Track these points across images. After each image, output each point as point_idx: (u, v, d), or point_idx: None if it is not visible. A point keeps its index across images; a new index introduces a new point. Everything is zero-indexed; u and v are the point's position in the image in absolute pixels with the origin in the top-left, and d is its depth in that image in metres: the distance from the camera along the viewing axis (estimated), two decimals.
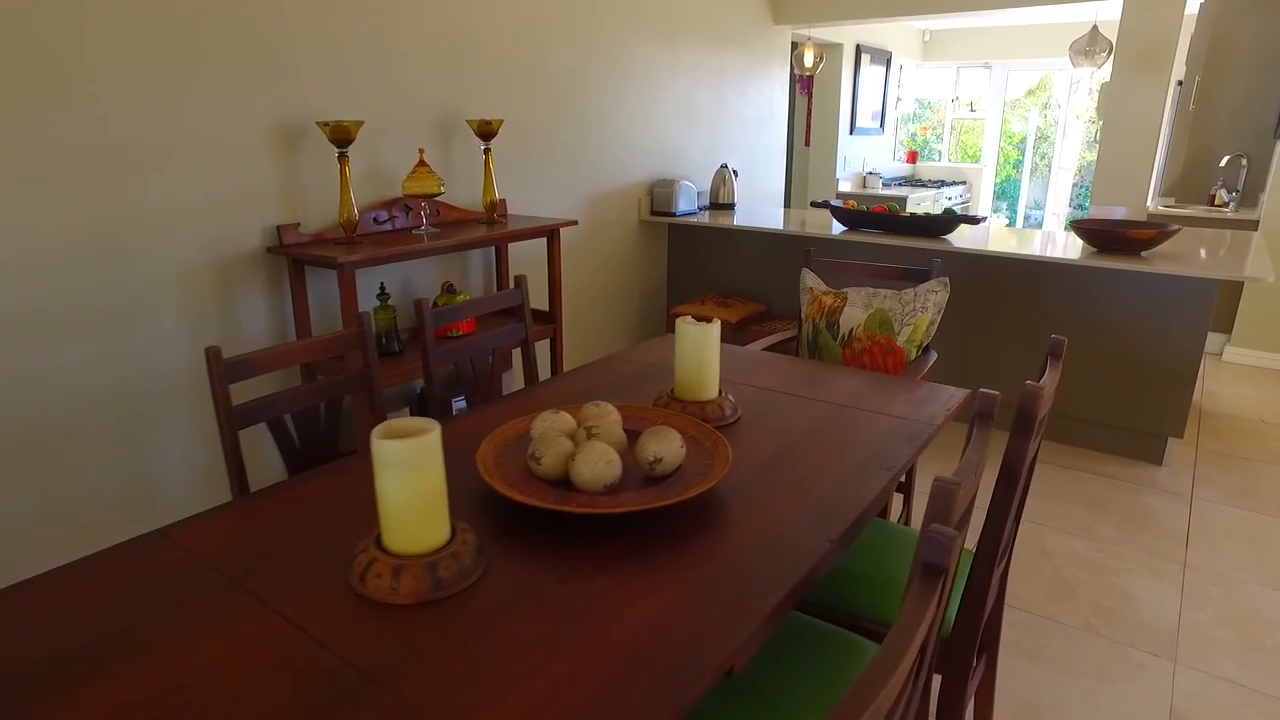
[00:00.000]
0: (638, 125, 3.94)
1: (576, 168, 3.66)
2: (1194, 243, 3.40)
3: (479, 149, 3.19)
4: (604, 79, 3.68)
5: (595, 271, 3.89)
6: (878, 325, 2.25)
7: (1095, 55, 3.08)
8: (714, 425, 1.61)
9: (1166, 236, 2.94)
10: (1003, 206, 10.03)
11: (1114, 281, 3.07)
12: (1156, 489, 2.95)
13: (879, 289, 2.34)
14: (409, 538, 1.11)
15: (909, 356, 2.23)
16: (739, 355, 2.11)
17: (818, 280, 2.46)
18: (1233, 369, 4.39)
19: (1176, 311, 2.97)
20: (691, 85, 4.25)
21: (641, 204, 4.06)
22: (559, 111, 3.49)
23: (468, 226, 3.02)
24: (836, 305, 2.34)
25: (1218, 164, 4.87)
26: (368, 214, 2.83)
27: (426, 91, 2.95)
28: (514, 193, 3.39)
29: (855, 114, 6.02)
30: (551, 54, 3.39)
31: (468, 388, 2.06)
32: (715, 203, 4.37)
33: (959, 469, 0.97)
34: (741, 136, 4.78)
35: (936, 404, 1.76)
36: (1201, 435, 3.45)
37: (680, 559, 1.16)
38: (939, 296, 2.24)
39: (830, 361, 2.33)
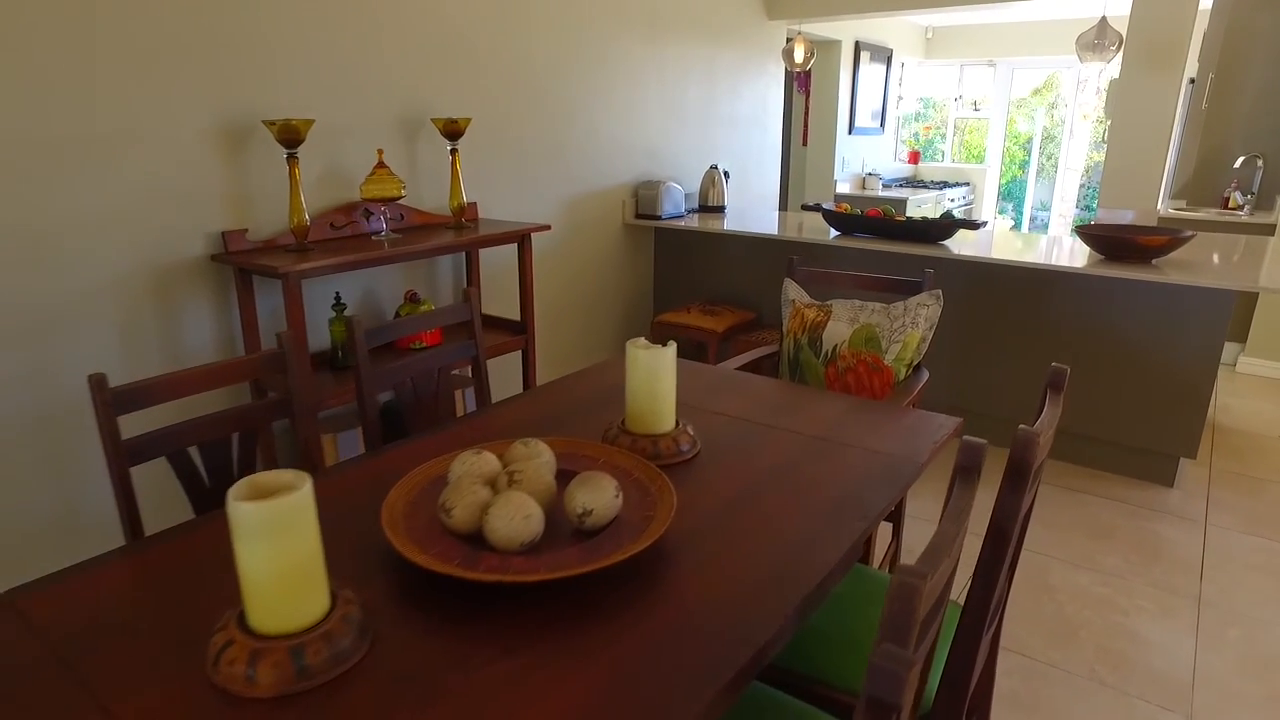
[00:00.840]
0: (621, 124, 3.76)
1: (555, 169, 3.47)
2: (1206, 249, 3.19)
3: (447, 149, 3.01)
4: (584, 75, 3.50)
5: (576, 277, 3.71)
6: (864, 342, 2.06)
7: (1104, 49, 2.88)
8: (667, 462, 1.43)
9: (1179, 243, 2.74)
10: (1008, 208, 9.83)
11: (1122, 291, 2.87)
12: (1168, 514, 2.75)
13: (867, 302, 2.15)
14: (274, 614, 0.93)
15: (897, 377, 2.04)
16: (708, 376, 1.93)
17: (800, 291, 2.27)
18: (1248, 381, 4.18)
19: (1189, 324, 2.77)
20: (679, 82, 4.06)
21: (626, 206, 3.87)
22: (535, 110, 3.31)
23: (434, 231, 2.84)
24: (820, 319, 2.16)
25: (1232, 165, 4.66)
26: (324, 219, 2.66)
27: (390, 88, 2.77)
28: (487, 195, 3.21)
29: (854, 113, 5.82)
30: (527, 49, 3.21)
31: (410, 412, 1.88)
32: (705, 205, 4.19)
33: (927, 550, 0.78)
34: (734, 136, 4.59)
35: (923, 436, 1.57)
36: (1215, 454, 3.25)
37: (607, 634, 0.97)
38: (931, 311, 2.05)
39: (812, 380, 2.14)
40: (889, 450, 1.50)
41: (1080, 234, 2.91)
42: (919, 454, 1.48)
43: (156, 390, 1.42)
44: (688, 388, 1.84)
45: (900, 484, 1.37)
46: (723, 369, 1.98)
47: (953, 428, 1.61)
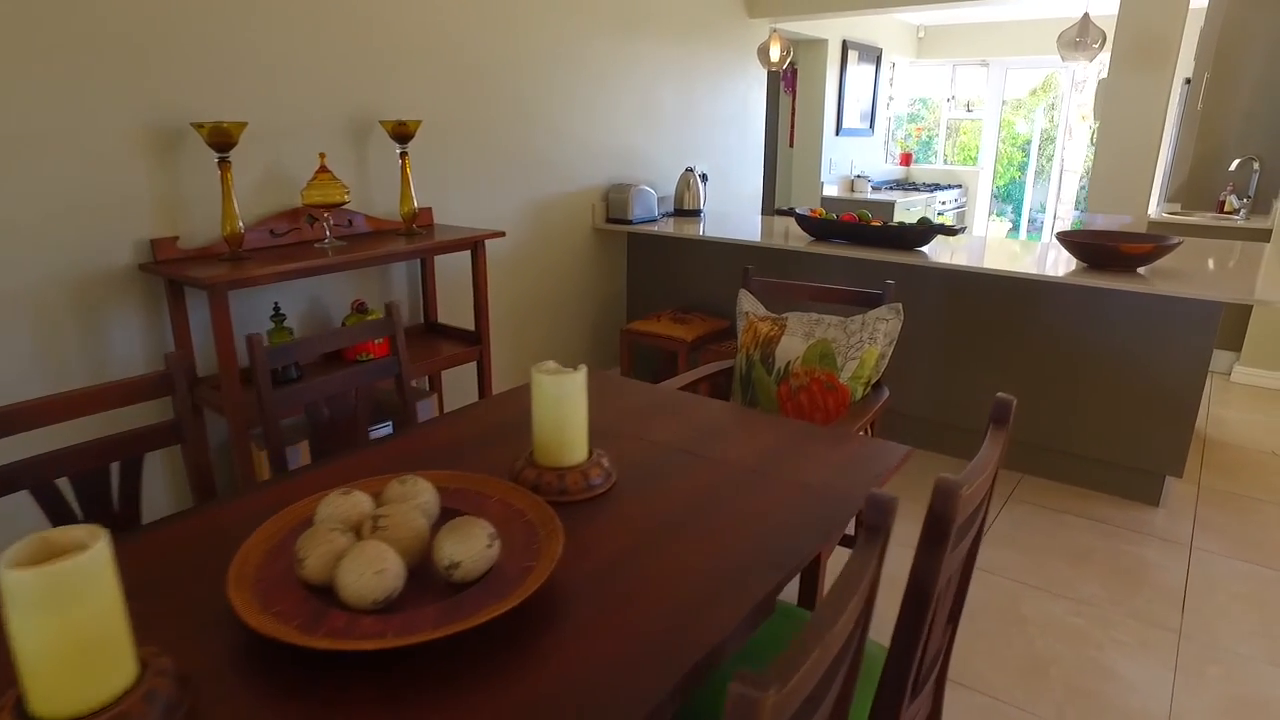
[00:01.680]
0: (591, 125, 3.63)
1: (519, 172, 3.35)
2: (1199, 256, 3.05)
3: (396, 153, 2.88)
4: (549, 75, 3.37)
5: (542, 284, 3.58)
6: (818, 359, 1.93)
7: (1087, 47, 2.75)
8: (574, 499, 1.30)
9: (1165, 251, 2.60)
10: (1007, 210, 9.68)
11: (1105, 302, 2.73)
12: (1151, 536, 2.61)
13: (824, 315, 2.02)
14: (57, 695, 0.80)
15: (854, 396, 1.90)
16: (646, 397, 1.80)
17: (755, 303, 2.14)
18: (1241, 391, 4.03)
19: (1175, 336, 2.63)
20: (654, 82, 3.93)
21: (596, 210, 3.75)
22: (497, 110, 3.18)
23: (384, 238, 2.72)
24: (773, 334, 2.02)
25: (1227, 168, 4.51)
26: (264, 225, 2.53)
27: (335, 88, 2.65)
28: (444, 200, 3.08)
29: (841, 114, 5.68)
30: (486, 46, 3.09)
31: (322, 437, 1.75)
32: (680, 209, 4.06)
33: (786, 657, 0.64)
34: (713, 137, 4.46)
35: (866, 469, 1.43)
36: (1205, 469, 3.10)
37: (459, 711, 0.84)
38: (890, 325, 1.91)
39: (764, 400, 2.00)
40: (825, 485, 1.37)
41: (1061, 241, 2.77)
42: (857, 491, 1.35)
43: (16, 417, 1.30)
44: (622, 410, 1.71)
45: (829, 528, 1.24)
46: (665, 388, 1.85)
47: (899, 459, 1.48)
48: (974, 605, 2.23)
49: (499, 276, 3.37)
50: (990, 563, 2.45)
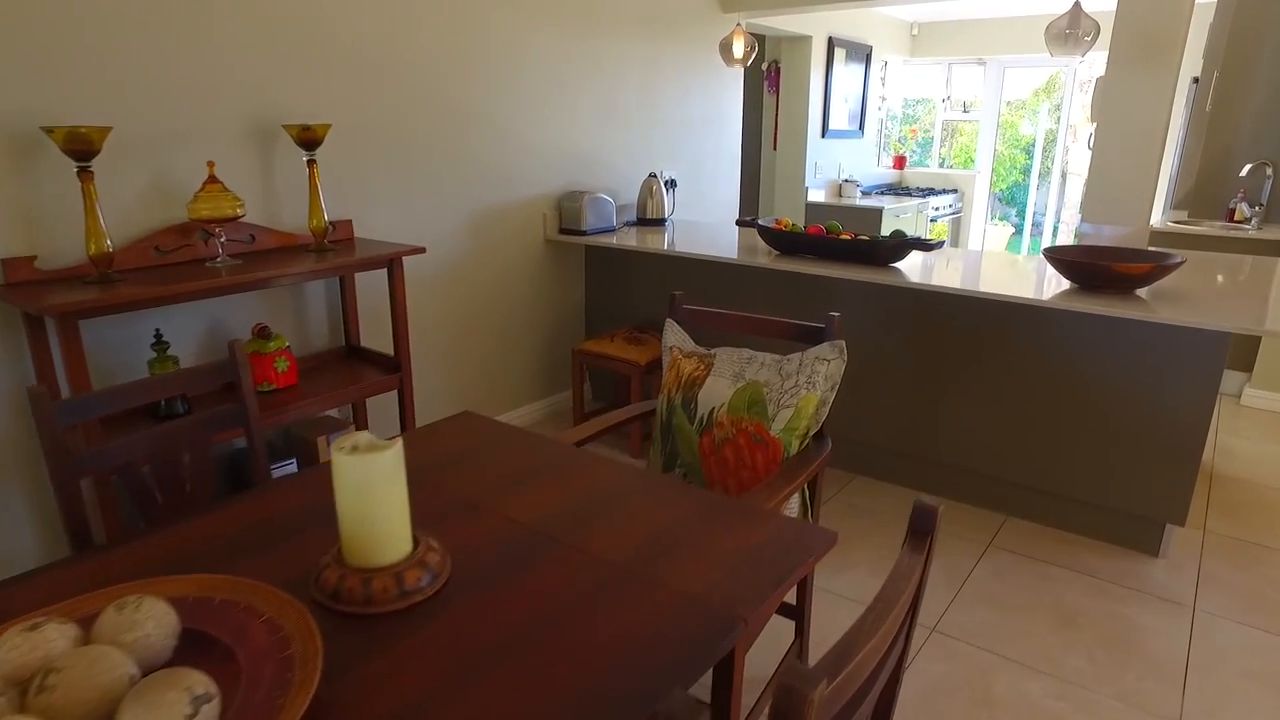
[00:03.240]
0: (543, 128, 3.34)
1: (459, 180, 3.06)
2: (1205, 273, 2.74)
3: (303, 160, 2.59)
4: (493, 73, 3.08)
5: (487, 301, 3.29)
6: (746, 406, 1.63)
7: (1078, 40, 2.44)
8: (379, 610, 1.01)
9: (1165, 272, 2.29)
10: (1010, 214, 9.34)
11: (1097, 328, 2.42)
12: (1149, 595, 2.30)
13: (758, 353, 1.72)
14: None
15: (787, 450, 1.61)
16: (532, 455, 1.50)
17: (682, 336, 1.85)
18: (1253, 416, 3.71)
19: (1177, 369, 2.32)
20: (616, 81, 3.64)
21: (547, 220, 3.46)
22: (431, 112, 2.90)
23: (290, 255, 2.44)
24: (697, 374, 1.73)
25: (1238, 173, 4.19)
26: (147, 242, 2.26)
27: (233, 89, 2.37)
28: (368, 212, 2.80)
29: (827, 115, 5.37)
30: (417, 41, 2.80)
31: (140, 501, 1.46)
32: (643, 218, 3.76)
33: None
34: (684, 140, 4.17)
35: (774, 567, 1.14)
36: (1211, 510, 2.79)
37: None
38: (832, 367, 1.62)
39: (685, 452, 1.71)
40: (711, 594, 1.07)
41: (1049, 258, 2.46)
42: (749, 600, 1.05)
43: None
44: (497, 472, 1.42)
45: (706, 658, 0.94)
46: (560, 442, 1.55)
47: (821, 551, 1.18)
48: (936, 681, 1.93)
49: (436, 293, 3.08)
50: (962, 626, 2.14)
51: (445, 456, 1.49)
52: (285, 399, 2.42)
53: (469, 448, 1.53)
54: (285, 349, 2.48)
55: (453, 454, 1.50)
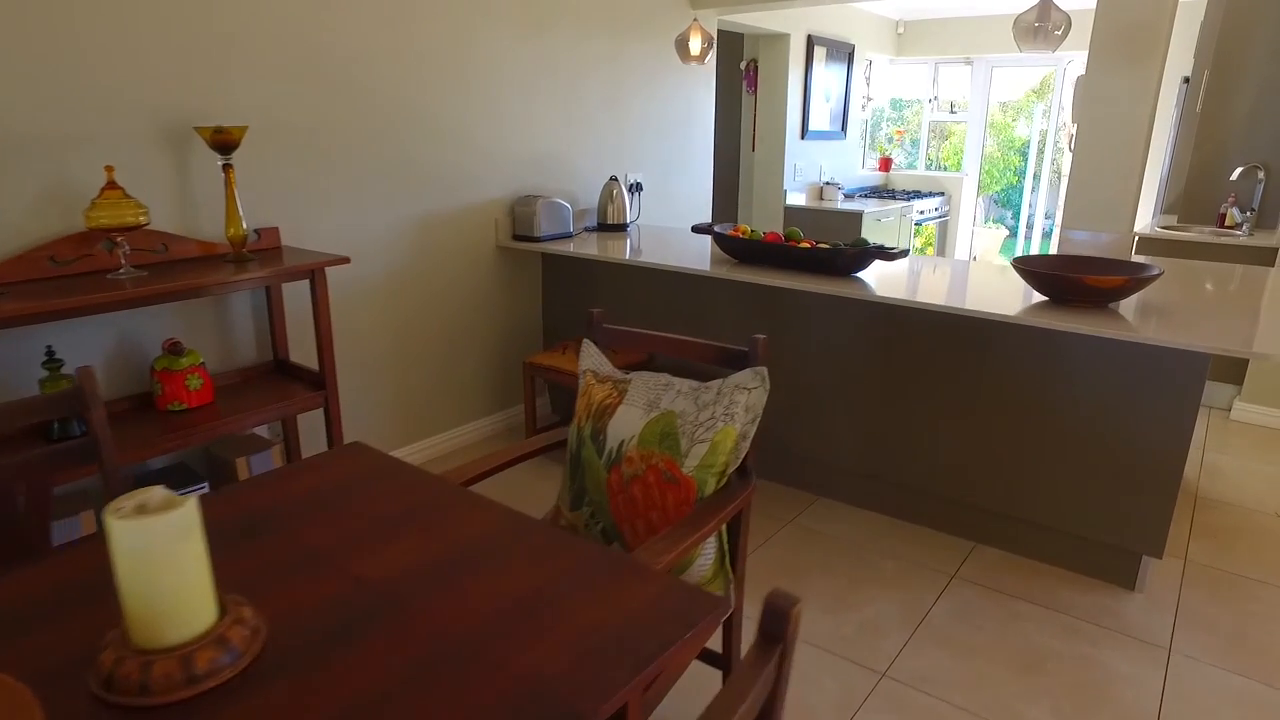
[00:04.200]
0: (495, 129, 3.17)
1: (401, 184, 2.89)
2: (1190, 284, 2.57)
3: (218, 165, 2.42)
4: (439, 70, 2.91)
5: (434, 312, 3.12)
6: (658, 440, 1.46)
7: (1047, 35, 2.28)
8: (159, 702, 0.84)
9: (1140, 284, 2.12)
10: (1006, 216, 9.16)
11: (1068, 346, 2.25)
12: (1123, 635, 2.12)
13: (676, 379, 1.55)
14: None
15: (701, 489, 1.44)
16: (411, 493, 1.33)
17: (598, 358, 1.68)
18: (1242, 432, 3.53)
19: (1153, 391, 2.15)
20: (576, 80, 3.47)
21: (499, 226, 3.29)
22: (370, 113, 2.73)
23: (206, 266, 2.28)
24: (609, 402, 1.56)
25: (1229, 176, 4.02)
26: (41, 252, 2.09)
27: (140, 87, 2.20)
28: (298, 219, 2.63)
29: (807, 115, 5.20)
30: (353, 37, 2.63)
31: None
32: (604, 223, 3.60)
33: None
34: (652, 142, 4.00)
35: (637, 647, 0.97)
36: (1194, 536, 2.62)
37: None
38: (753, 397, 1.45)
39: (593, 489, 1.54)
40: (562, 677, 0.90)
41: (1018, 269, 2.29)
42: (605, 689, 0.88)
43: None
44: (358, 517, 1.25)
45: None
46: (447, 482, 1.39)
47: (706, 625, 1.01)
48: None
49: (378, 303, 2.91)
50: (915, 672, 1.97)
51: (311, 498, 1.32)
52: (197, 419, 2.26)
53: (342, 486, 1.37)
54: (199, 365, 2.32)
55: (321, 495, 1.34)
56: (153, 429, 2.20)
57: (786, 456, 2.93)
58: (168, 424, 2.23)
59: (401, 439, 3.11)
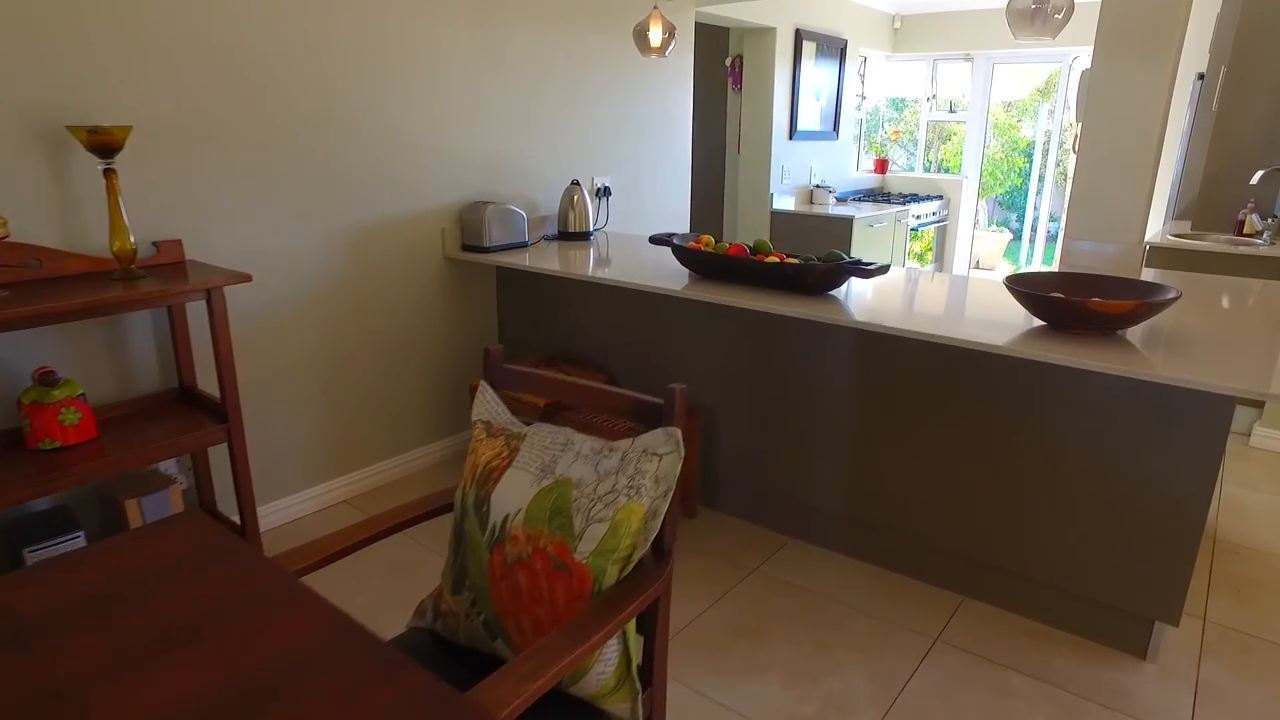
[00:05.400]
0: (441, 130, 2.89)
1: (331, 190, 2.61)
2: (1207, 302, 2.26)
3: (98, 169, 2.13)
4: (371, 66, 2.62)
5: (372, 329, 2.84)
6: (547, 517, 1.17)
7: (1045, 19, 1.98)
8: None
9: (1153, 310, 1.82)
10: (1011, 218, 8.84)
11: (1068, 381, 1.95)
12: (1131, 718, 1.82)
13: (578, 436, 1.26)
14: None
15: (598, 581, 1.14)
16: (225, 588, 1.04)
17: (496, 405, 1.39)
18: (1264, 460, 3.22)
19: (1168, 436, 1.84)
20: (534, 77, 3.18)
21: (446, 235, 3.00)
22: (293, 112, 2.44)
23: (88, 285, 2.00)
24: (497, 463, 1.27)
25: (1248, 181, 3.70)
26: None
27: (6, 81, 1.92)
28: (206, 230, 2.34)
29: (795, 114, 4.90)
30: (272, 29, 2.35)
31: None
32: (565, 231, 3.31)
33: None
34: (623, 144, 3.70)
35: None
36: (1214, 590, 2.31)
37: None
38: (664, 465, 1.15)
39: (475, 571, 1.25)
40: None
41: (1011, 289, 1.99)
42: None
43: None
44: (139, 628, 0.96)
45: None
46: (278, 569, 1.10)
47: None
48: None
49: (305, 321, 2.63)
50: None
51: (87, 597, 1.04)
52: (72, 459, 1.98)
53: (139, 579, 1.08)
54: (77, 397, 2.04)
55: (106, 591, 1.05)
56: (17, 470, 1.92)
57: (756, 492, 2.64)
58: (37, 464, 1.95)
59: (333, 470, 2.82)
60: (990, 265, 8.45)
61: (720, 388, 2.62)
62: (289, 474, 2.69)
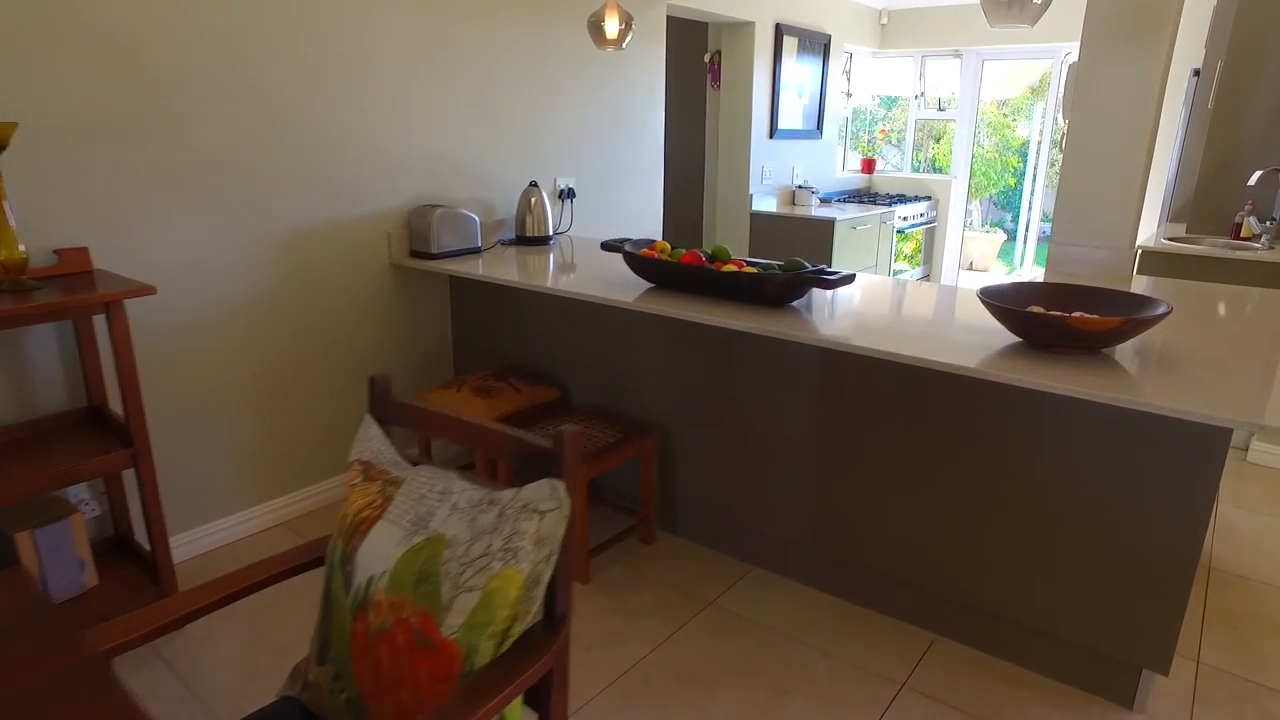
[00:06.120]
0: (386, 128, 2.70)
1: (262, 192, 2.42)
2: (1202, 314, 2.08)
3: None
4: (304, 59, 2.44)
5: (307, 344, 2.65)
6: (413, 583, 0.99)
7: (1023, 6, 1.80)
8: None
9: (1141, 326, 1.64)
10: (1006, 219, 8.67)
11: (1049, 404, 1.77)
12: None
13: (458, 485, 1.08)
14: None
15: (469, 660, 0.96)
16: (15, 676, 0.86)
17: (381, 441, 1.21)
18: (1261, 477, 3.04)
19: (1159, 469, 1.67)
20: (487, 70, 3.00)
21: (394, 241, 2.82)
22: (218, 109, 2.26)
23: None
24: (368, 513, 1.09)
25: (1246, 182, 3.52)
26: None
27: None
28: (122, 237, 2.16)
29: (776, 112, 4.72)
30: (191, 19, 2.16)
31: None
32: (523, 236, 3.12)
33: None
34: (589, 143, 3.52)
35: None
36: (1208, 626, 2.13)
37: None
38: (546, 525, 0.97)
39: (338, 641, 1.07)
40: None
41: (985, 302, 1.81)
42: None
43: None
44: None
45: None
46: (86, 651, 0.91)
47: None
48: None
49: (231, 336, 2.44)
50: None
51: None
52: None
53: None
54: None
55: None
56: None
57: (717, 517, 2.46)
58: None
59: (272, 491, 2.64)
60: (984, 267, 8.27)
61: (679, 404, 2.44)
62: (221, 496, 2.51)
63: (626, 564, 2.41)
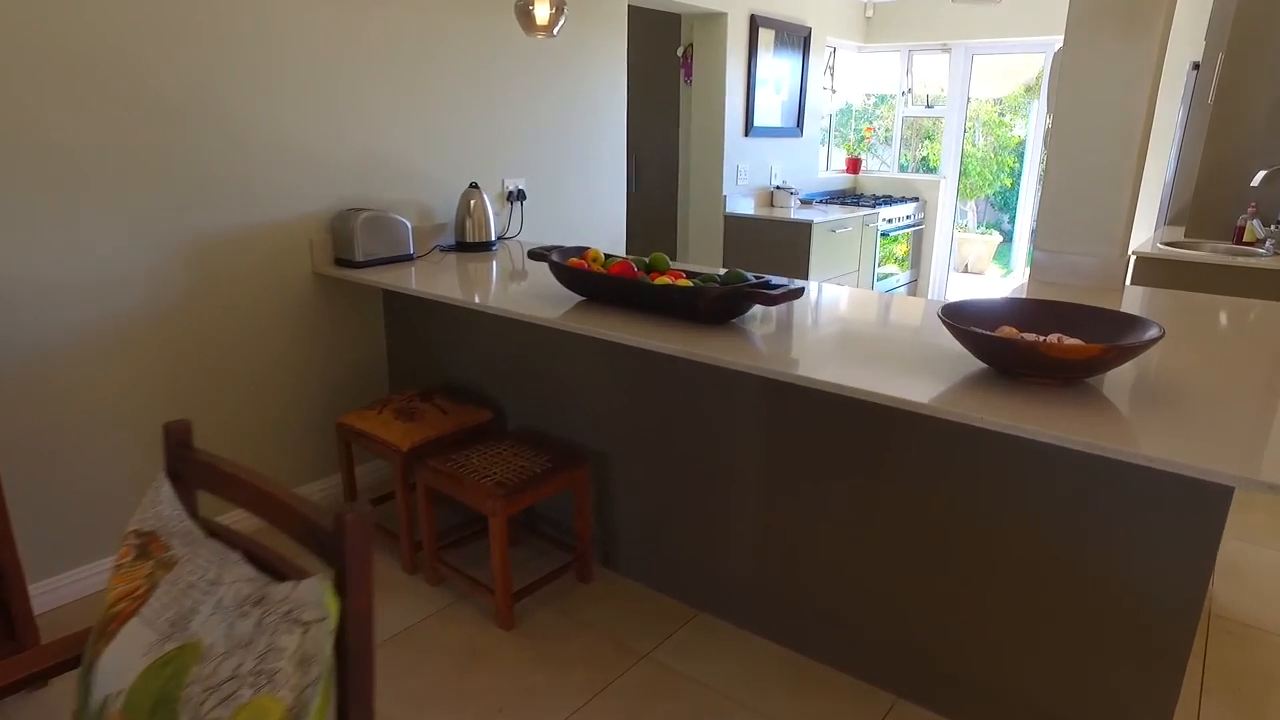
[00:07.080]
0: (308, 124, 2.46)
1: (163, 195, 2.18)
2: (1201, 333, 1.84)
3: None
4: (210, 46, 2.20)
5: (218, 361, 2.41)
6: (149, 708, 0.75)
7: None
8: None
9: (1125, 356, 1.39)
10: (1002, 220, 8.43)
11: (1021, 442, 1.53)
12: None
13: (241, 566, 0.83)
14: None
15: None
16: None
17: (173, 506, 0.97)
18: (1269, 507, 2.80)
19: (1151, 524, 1.42)
20: (421, 61, 2.76)
21: (316, 249, 2.58)
22: (109, 103, 2.02)
23: None
24: (126, 605, 0.85)
25: (1249, 182, 3.28)
26: None
27: None
28: (16, 245, 1.92)
29: (752, 109, 4.48)
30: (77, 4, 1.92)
31: None
32: (462, 242, 2.88)
33: None
34: (543, 141, 3.28)
35: None
36: (1208, 686, 1.89)
37: None
38: (312, 640, 0.73)
39: None
40: None
41: (947, 323, 1.56)
42: None
43: None
44: None
45: None
46: None
47: None
48: None
49: (126, 353, 2.20)
50: None
51: None
52: None
53: None
54: None
55: None
56: None
57: (660, 556, 2.22)
58: None
59: None
60: (980, 269, 8.03)
61: (617, 431, 2.20)
62: (107, 532, 2.26)
63: (558, 607, 2.17)
